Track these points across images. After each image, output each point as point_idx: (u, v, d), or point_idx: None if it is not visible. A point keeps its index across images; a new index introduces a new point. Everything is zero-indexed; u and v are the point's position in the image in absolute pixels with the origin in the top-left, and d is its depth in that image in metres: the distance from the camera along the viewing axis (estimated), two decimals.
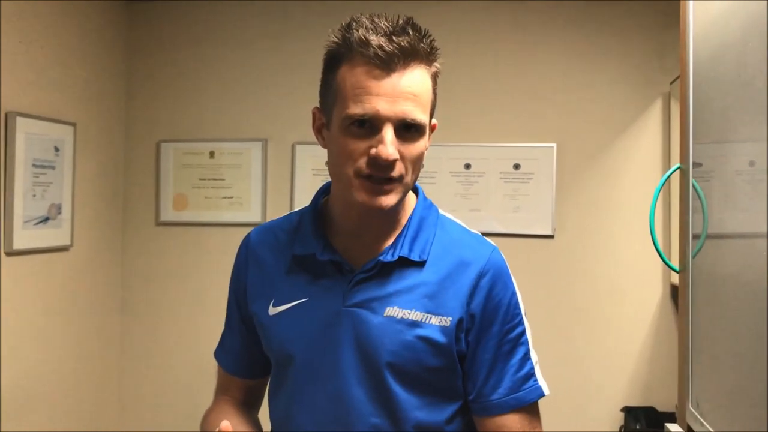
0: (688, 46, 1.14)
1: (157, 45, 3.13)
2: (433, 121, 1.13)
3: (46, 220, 2.58)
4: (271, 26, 3.03)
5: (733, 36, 0.96)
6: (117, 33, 3.07)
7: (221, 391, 1.33)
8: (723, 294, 1.00)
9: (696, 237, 1.11)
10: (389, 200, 1.05)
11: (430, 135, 1.12)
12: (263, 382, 1.32)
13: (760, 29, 0.83)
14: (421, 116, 1.04)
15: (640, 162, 2.79)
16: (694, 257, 1.12)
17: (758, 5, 0.84)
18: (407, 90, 1.02)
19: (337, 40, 1.05)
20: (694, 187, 1.12)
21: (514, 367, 1.13)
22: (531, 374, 1.14)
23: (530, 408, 1.14)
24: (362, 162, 1.03)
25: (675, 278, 2.40)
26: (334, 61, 1.06)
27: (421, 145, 1.06)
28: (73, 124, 2.73)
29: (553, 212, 2.81)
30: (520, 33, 2.87)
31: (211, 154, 3.07)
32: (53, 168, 2.61)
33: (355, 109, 1.01)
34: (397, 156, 1.02)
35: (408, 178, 1.07)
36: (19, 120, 2.42)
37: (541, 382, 1.15)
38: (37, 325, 2.58)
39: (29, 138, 2.48)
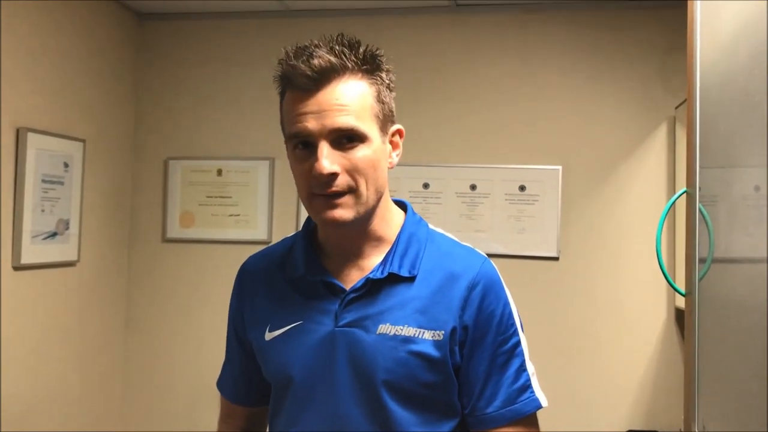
0: (695, 71, 1.15)
1: (167, 64, 3.17)
2: (397, 126, 1.14)
3: (53, 235, 2.60)
4: (280, 45, 3.05)
5: (740, 62, 0.97)
6: (127, 51, 3.11)
7: (225, 419, 1.34)
8: (729, 317, 1.00)
9: (702, 261, 1.12)
10: (343, 213, 1.06)
11: (393, 142, 1.14)
12: (266, 409, 1.31)
13: (766, 56, 0.85)
14: (355, 123, 1.04)
15: (645, 185, 2.80)
16: (700, 281, 1.12)
17: (765, 32, 0.86)
18: (335, 103, 1.04)
19: (276, 78, 1.11)
20: (700, 211, 1.13)
21: (509, 379, 1.11)
22: (527, 386, 1.13)
23: (528, 420, 1.13)
24: (310, 182, 1.05)
25: (680, 301, 2.40)
26: (280, 98, 1.12)
27: (366, 152, 1.06)
28: (83, 141, 2.75)
29: (558, 234, 2.82)
30: (527, 56, 2.90)
31: (219, 172, 3.09)
32: (62, 183, 2.64)
33: (290, 130, 1.06)
34: (332, 169, 1.03)
35: (362, 189, 1.06)
36: (30, 136, 2.45)
37: (539, 393, 1.14)
38: (42, 339, 2.58)
39: (39, 154, 2.50)
